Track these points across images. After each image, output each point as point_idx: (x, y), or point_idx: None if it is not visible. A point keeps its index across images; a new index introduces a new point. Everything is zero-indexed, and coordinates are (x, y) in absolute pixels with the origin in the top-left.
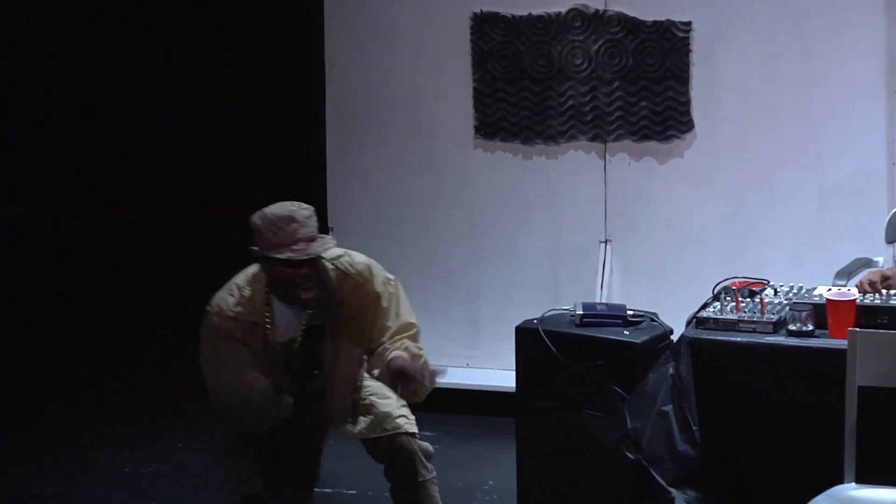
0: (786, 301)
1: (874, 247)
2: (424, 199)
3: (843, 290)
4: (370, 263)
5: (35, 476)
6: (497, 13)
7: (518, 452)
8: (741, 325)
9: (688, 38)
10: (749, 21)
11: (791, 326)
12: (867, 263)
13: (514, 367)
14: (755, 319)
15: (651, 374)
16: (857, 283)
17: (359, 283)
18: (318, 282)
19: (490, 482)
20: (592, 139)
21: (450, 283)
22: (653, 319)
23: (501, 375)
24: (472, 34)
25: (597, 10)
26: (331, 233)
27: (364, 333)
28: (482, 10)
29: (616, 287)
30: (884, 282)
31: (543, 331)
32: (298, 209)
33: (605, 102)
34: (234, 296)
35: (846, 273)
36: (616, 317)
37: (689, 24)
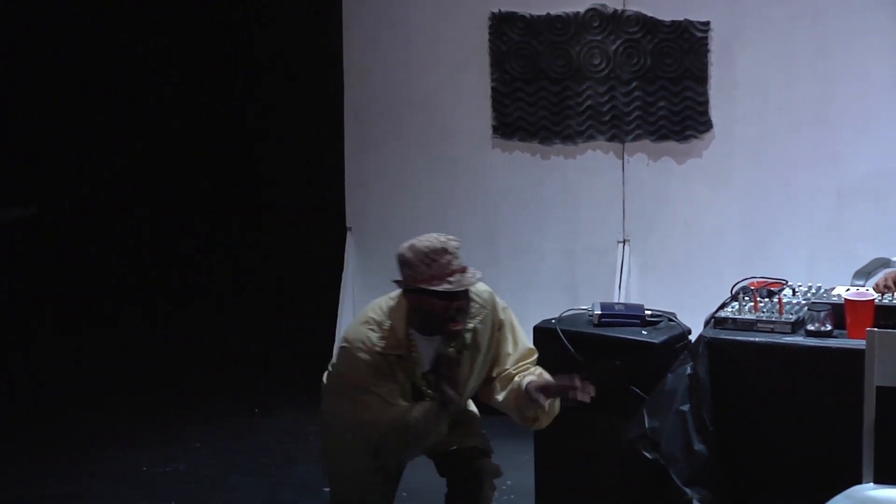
0: (804, 301)
1: (893, 246)
2: (442, 199)
3: (862, 291)
4: (491, 291)
5: (52, 475)
6: (515, 13)
7: (536, 453)
8: (759, 326)
9: (706, 38)
10: (767, 21)
11: (809, 326)
12: (885, 263)
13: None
14: (773, 319)
15: (669, 374)
16: (874, 284)
17: (486, 312)
18: (466, 314)
19: (508, 482)
20: (610, 139)
21: None
22: (671, 319)
23: None
24: (491, 34)
25: (615, 10)
26: (349, 233)
27: (488, 362)
28: (500, 10)
29: (634, 287)
30: None
31: (561, 331)
32: (448, 241)
33: (624, 102)
34: (376, 331)
35: (864, 273)
36: (634, 317)
37: (708, 24)
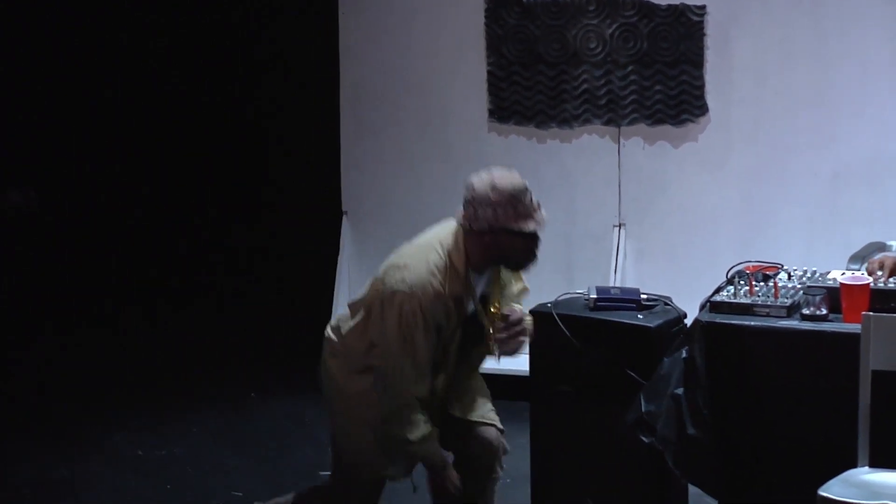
0: (800, 285)
1: (888, 231)
2: (438, 183)
3: (857, 275)
4: None
5: (49, 459)
6: None
7: (532, 436)
8: (755, 310)
9: (702, 22)
10: (764, 5)
11: (805, 311)
12: (881, 247)
13: (529, 351)
14: (769, 304)
15: (665, 359)
16: (867, 266)
17: None
18: None
19: (504, 466)
20: (606, 123)
21: None
22: (666, 303)
23: (516, 359)
24: (487, 18)
25: None
26: (345, 217)
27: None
28: None
29: (630, 271)
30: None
31: (557, 315)
32: (520, 177)
33: (620, 86)
34: (437, 274)
35: (860, 257)
36: (630, 301)
37: (704, 8)
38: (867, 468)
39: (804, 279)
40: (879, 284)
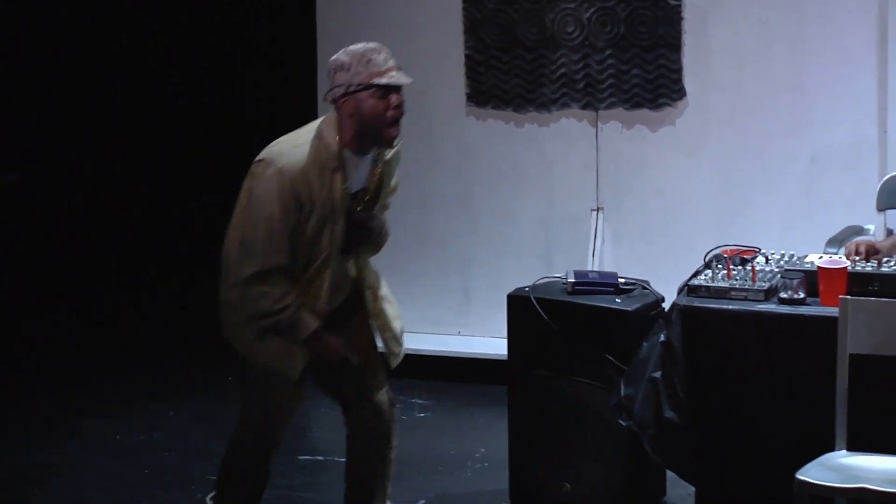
0: (777, 269)
1: (865, 214)
2: (417, 168)
3: (835, 258)
4: None
5: (27, 444)
6: None
7: (510, 420)
8: (732, 293)
9: (680, 6)
10: None
11: (782, 294)
12: (858, 231)
13: (507, 336)
14: (746, 287)
15: (644, 342)
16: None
17: (402, 141)
18: (402, 117)
19: (482, 450)
20: (584, 107)
21: (442, 252)
22: (644, 287)
23: (494, 343)
24: (465, 1)
25: None
26: None
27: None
28: None
29: (608, 255)
30: (873, 254)
31: (535, 298)
32: (378, 44)
33: (597, 70)
34: (302, 146)
35: (838, 241)
36: (608, 285)
37: None
38: (845, 451)
39: (782, 263)
40: (857, 268)
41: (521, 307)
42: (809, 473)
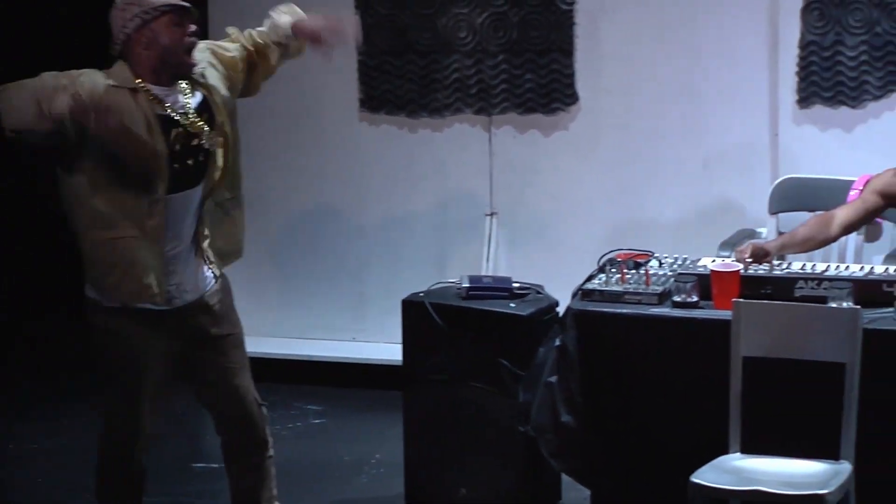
0: (671, 272)
1: (758, 218)
2: (311, 173)
3: (728, 262)
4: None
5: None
6: None
7: (405, 426)
8: (626, 297)
9: (572, 11)
10: None
11: (676, 298)
12: (751, 235)
13: (402, 341)
14: (640, 291)
15: (541, 347)
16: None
17: (205, 55)
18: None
19: (377, 455)
20: (477, 112)
21: (336, 257)
22: (538, 292)
23: (388, 349)
24: (357, 6)
25: None
26: None
27: (236, 92)
28: None
29: (502, 260)
30: (762, 256)
31: (430, 304)
32: None
33: (490, 75)
34: (101, 74)
35: (730, 244)
36: (502, 289)
37: None
38: (739, 454)
39: (675, 266)
40: (749, 271)
41: (416, 312)
42: (704, 476)
